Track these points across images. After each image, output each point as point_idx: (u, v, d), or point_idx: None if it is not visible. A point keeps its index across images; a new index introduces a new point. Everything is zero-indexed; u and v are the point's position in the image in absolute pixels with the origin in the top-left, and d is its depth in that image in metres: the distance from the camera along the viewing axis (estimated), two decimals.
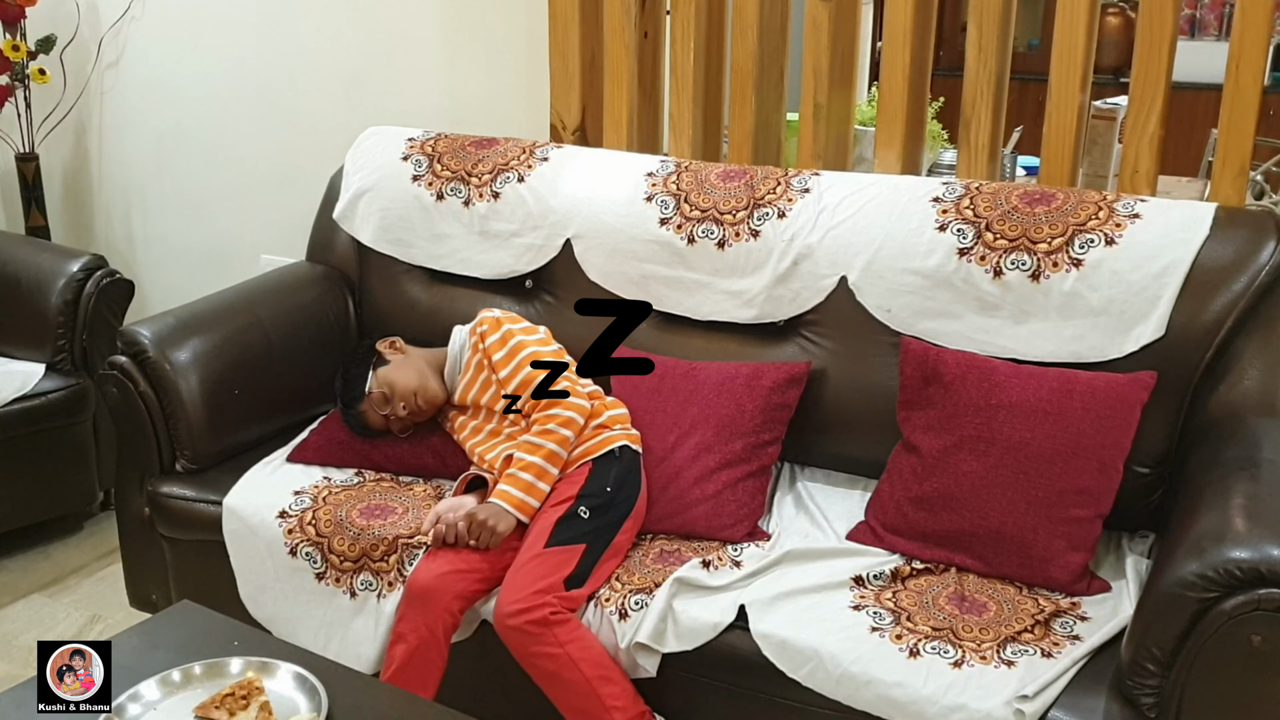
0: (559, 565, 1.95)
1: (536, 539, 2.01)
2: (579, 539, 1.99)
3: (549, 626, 1.89)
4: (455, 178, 2.62)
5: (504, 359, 2.24)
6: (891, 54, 2.48)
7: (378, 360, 2.35)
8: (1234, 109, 2.20)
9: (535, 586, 1.92)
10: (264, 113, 3.43)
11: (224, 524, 2.25)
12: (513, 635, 1.90)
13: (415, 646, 1.96)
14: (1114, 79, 4.93)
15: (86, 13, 3.61)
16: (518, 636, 1.90)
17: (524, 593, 1.91)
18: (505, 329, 2.29)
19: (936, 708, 1.69)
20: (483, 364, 2.28)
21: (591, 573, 1.97)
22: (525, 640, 1.89)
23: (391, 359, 2.35)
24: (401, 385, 2.31)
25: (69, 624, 2.76)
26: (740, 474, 2.14)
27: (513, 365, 2.23)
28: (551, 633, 1.88)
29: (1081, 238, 2.09)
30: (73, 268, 2.98)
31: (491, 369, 2.26)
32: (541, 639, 1.88)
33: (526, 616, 1.89)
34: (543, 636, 1.88)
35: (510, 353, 2.25)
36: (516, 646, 1.91)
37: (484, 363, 2.28)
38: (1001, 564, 1.96)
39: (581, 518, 2.02)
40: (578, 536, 1.99)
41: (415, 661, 1.96)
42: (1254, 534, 1.57)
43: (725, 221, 2.36)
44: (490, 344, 2.27)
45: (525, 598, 1.90)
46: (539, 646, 1.89)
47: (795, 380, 2.22)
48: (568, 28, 2.78)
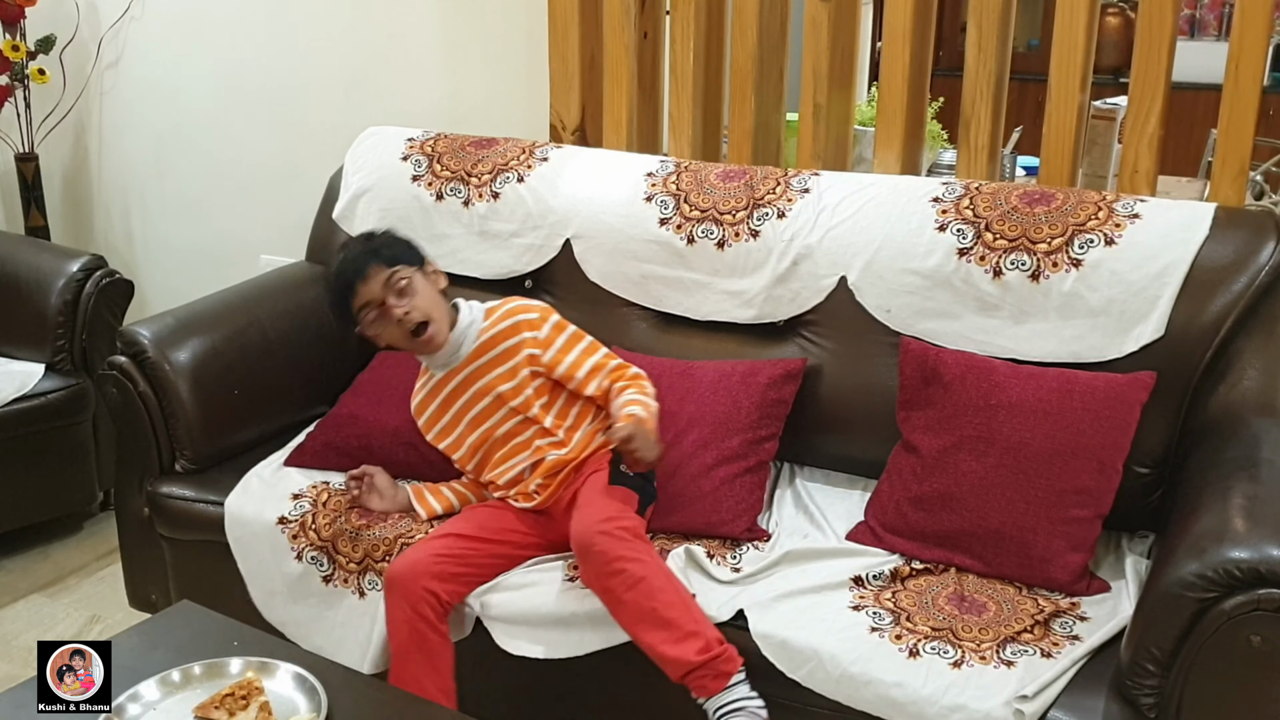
0: (625, 500, 1.97)
1: (596, 479, 2.02)
2: (632, 487, 2.00)
3: (639, 539, 1.88)
4: (455, 178, 2.62)
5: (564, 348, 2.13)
6: (891, 54, 2.48)
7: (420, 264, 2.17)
8: (1233, 109, 2.20)
9: (615, 509, 1.92)
10: (264, 113, 3.43)
11: (228, 531, 2.25)
12: (602, 541, 1.84)
13: (408, 634, 1.94)
14: (1113, 79, 4.94)
15: (86, 13, 3.61)
16: (607, 542, 1.84)
17: (608, 511, 1.90)
18: (558, 317, 2.18)
19: (936, 708, 1.69)
20: (514, 351, 2.12)
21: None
22: (616, 545, 1.83)
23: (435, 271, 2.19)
24: (425, 295, 2.11)
25: (69, 624, 2.76)
26: (738, 469, 2.14)
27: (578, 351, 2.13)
28: (634, 546, 1.85)
29: (1081, 238, 2.09)
30: (72, 268, 2.98)
31: (549, 368, 2.11)
32: (633, 546, 1.85)
33: (617, 522, 1.87)
34: (634, 545, 1.85)
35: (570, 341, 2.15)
36: (604, 553, 1.83)
37: (524, 353, 2.11)
38: (1001, 564, 1.96)
39: (625, 473, 2.01)
40: (630, 485, 2.00)
41: (414, 648, 1.94)
42: (1253, 534, 1.57)
43: (725, 221, 2.36)
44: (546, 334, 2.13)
45: (613, 514, 1.89)
46: (630, 551, 1.83)
47: (791, 376, 2.22)
48: (567, 28, 2.78)
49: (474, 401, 2.14)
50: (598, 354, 2.15)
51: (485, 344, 2.14)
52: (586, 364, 2.13)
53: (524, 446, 2.12)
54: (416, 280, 2.10)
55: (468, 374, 2.14)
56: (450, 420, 2.17)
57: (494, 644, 1.99)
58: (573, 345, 2.14)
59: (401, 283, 2.08)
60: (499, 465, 2.14)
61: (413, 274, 2.10)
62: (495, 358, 2.13)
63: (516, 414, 2.11)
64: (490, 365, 2.13)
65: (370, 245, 2.14)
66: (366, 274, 2.08)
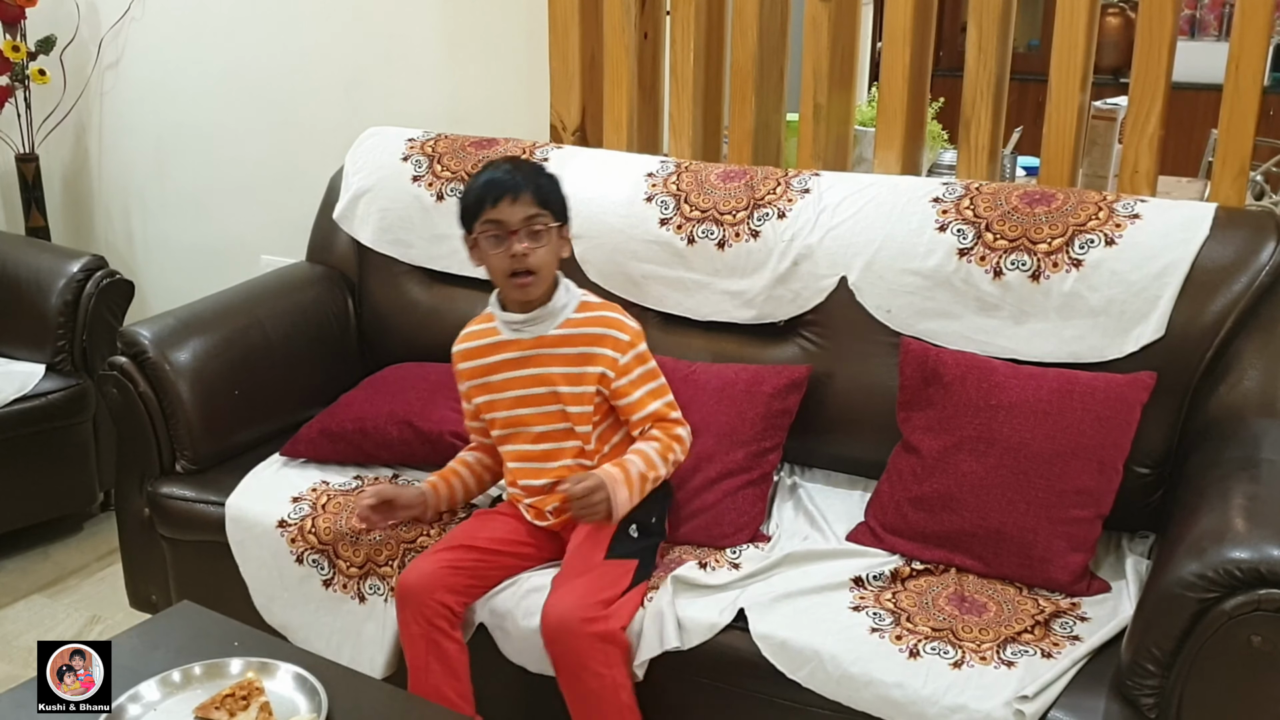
0: (619, 578, 1.92)
1: (592, 550, 1.94)
2: (633, 554, 1.96)
3: (610, 644, 1.84)
4: (455, 178, 2.62)
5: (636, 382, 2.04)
6: (891, 54, 2.48)
7: None
8: (1234, 109, 2.20)
9: (600, 596, 1.86)
10: (264, 113, 3.43)
11: (229, 533, 2.25)
12: (572, 642, 1.83)
13: (425, 646, 1.94)
14: (1114, 79, 4.93)
15: (86, 13, 3.61)
16: (577, 644, 1.83)
17: (588, 600, 1.85)
18: (645, 348, 2.08)
19: (936, 708, 1.69)
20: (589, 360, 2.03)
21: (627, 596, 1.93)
22: (583, 651, 1.83)
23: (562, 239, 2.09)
24: (549, 250, 2.02)
25: (69, 624, 2.76)
26: (741, 483, 2.13)
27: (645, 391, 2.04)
28: (606, 650, 1.84)
29: (1081, 238, 2.09)
30: (73, 268, 2.98)
31: (615, 395, 2.03)
32: (597, 655, 1.83)
33: (591, 627, 1.83)
34: (599, 654, 1.83)
35: (644, 378, 2.05)
36: (570, 654, 1.84)
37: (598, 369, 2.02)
38: (1001, 564, 1.96)
39: (632, 536, 1.98)
40: (632, 552, 1.96)
41: (433, 659, 1.94)
42: (1254, 534, 1.57)
43: (725, 222, 2.36)
44: (626, 361, 2.04)
45: (589, 605, 1.84)
46: (593, 662, 1.83)
47: (795, 385, 2.21)
48: (568, 28, 2.78)
49: (528, 383, 2.06)
50: (660, 401, 2.05)
51: (565, 336, 2.05)
52: (648, 407, 2.04)
53: (555, 455, 2.06)
54: (551, 233, 2.02)
55: (535, 354, 2.06)
56: (497, 383, 2.09)
57: (494, 645, 1.99)
58: (644, 383, 2.05)
59: (539, 226, 1.99)
60: (523, 460, 2.09)
61: (553, 225, 2.02)
62: (568, 356, 2.05)
63: (565, 420, 2.05)
64: (560, 360, 2.05)
65: (537, 176, 2.04)
66: (519, 197, 1.98)
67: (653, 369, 2.08)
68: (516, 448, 2.10)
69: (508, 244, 1.99)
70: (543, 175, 2.06)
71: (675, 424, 2.06)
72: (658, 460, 1.99)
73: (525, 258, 1.98)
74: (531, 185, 2.00)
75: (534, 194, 2.00)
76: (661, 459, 2.00)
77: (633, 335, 2.07)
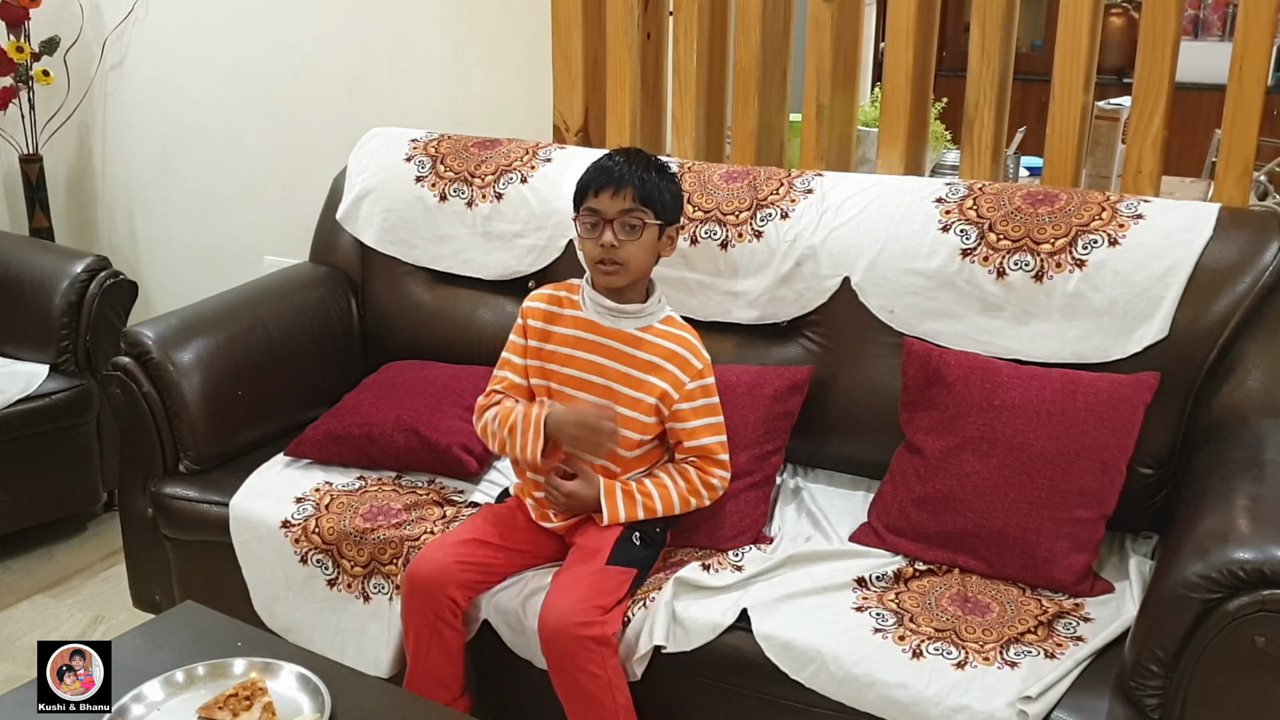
0: (617, 586, 1.93)
1: (595, 554, 1.95)
2: (633, 563, 1.97)
3: (604, 646, 1.85)
4: (458, 179, 2.62)
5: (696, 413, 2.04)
6: (894, 55, 2.48)
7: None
8: (1237, 109, 2.20)
9: (596, 601, 1.88)
10: (267, 114, 3.43)
11: (232, 534, 2.25)
12: (568, 644, 1.84)
13: (430, 635, 1.95)
14: (1117, 79, 4.93)
15: (90, 14, 3.61)
16: (572, 646, 1.84)
17: (585, 604, 1.86)
18: (712, 381, 2.07)
19: (940, 709, 1.69)
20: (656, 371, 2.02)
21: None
22: (578, 653, 1.84)
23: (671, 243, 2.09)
24: (643, 246, 2.01)
25: (72, 625, 2.77)
26: (743, 485, 2.13)
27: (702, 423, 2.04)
28: (601, 652, 1.85)
29: (1085, 238, 2.08)
30: (76, 269, 2.98)
31: (673, 417, 2.03)
32: (593, 657, 1.84)
33: (587, 630, 1.84)
34: (595, 655, 1.84)
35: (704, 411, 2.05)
36: (565, 656, 1.85)
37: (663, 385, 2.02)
38: (1004, 565, 1.95)
39: (634, 544, 1.99)
40: (633, 561, 1.97)
41: (434, 645, 1.95)
42: (1258, 535, 1.57)
43: (728, 222, 2.36)
44: (691, 388, 2.03)
45: (586, 610, 1.86)
46: (587, 663, 1.84)
47: (798, 387, 2.21)
48: (570, 29, 2.78)
49: (586, 367, 2.05)
50: (714, 438, 2.05)
51: (640, 341, 2.05)
52: (701, 439, 2.04)
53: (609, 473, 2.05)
54: (648, 231, 2.00)
55: (605, 343, 2.05)
56: (557, 354, 2.08)
57: (495, 644, 2.00)
58: (704, 416, 2.05)
59: (635, 221, 1.99)
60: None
61: (651, 223, 2.00)
62: (636, 359, 2.04)
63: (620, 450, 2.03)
64: (626, 359, 2.04)
65: (648, 173, 2.02)
66: (620, 191, 1.99)
67: (715, 405, 2.07)
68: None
69: (600, 231, 1.99)
70: (653, 170, 2.04)
71: (716, 466, 2.05)
72: (676, 501, 2.03)
73: (614, 249, 1.98)
74: (635, 179, 1.99)
75: (637, 188, 1.99)
76: (681, 501, 2.03)
77: (705, 365, 2.07)
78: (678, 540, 2.10)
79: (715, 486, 2.05)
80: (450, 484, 2.30)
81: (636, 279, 2.04)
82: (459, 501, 2.24)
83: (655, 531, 2.04)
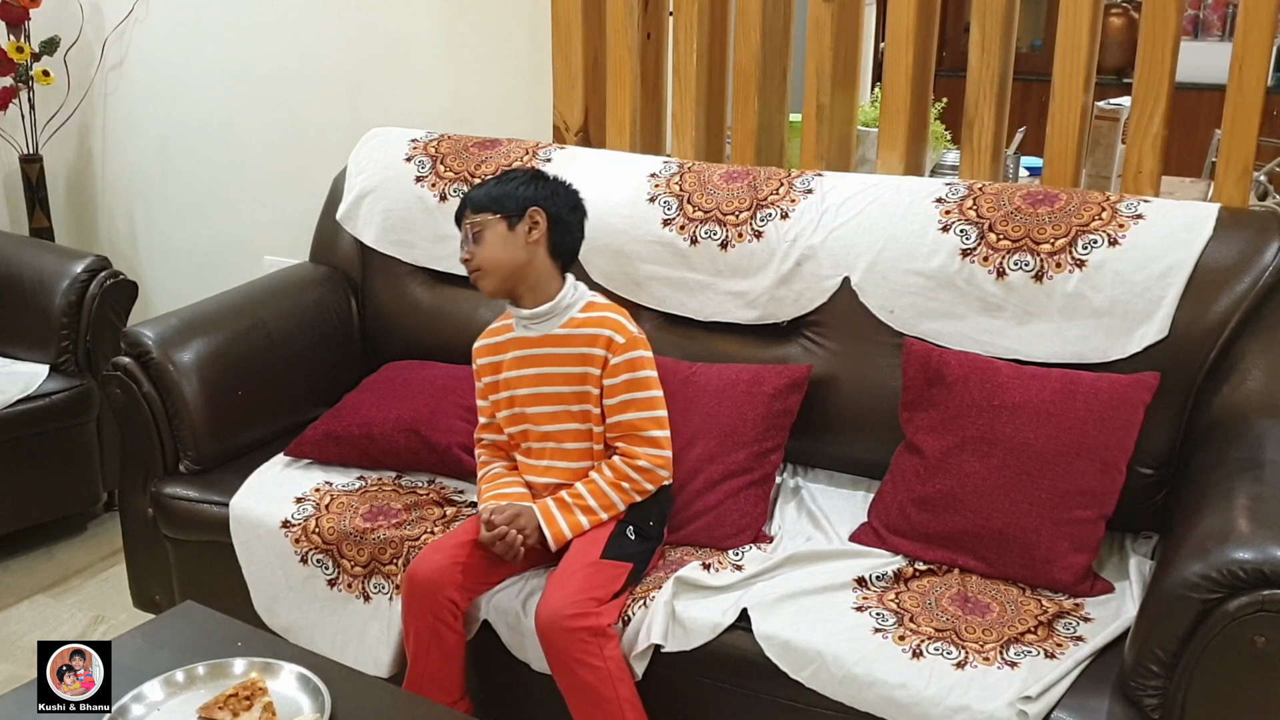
0: (612, 579, 1.93)
1: (589, 548, 1.96)
2: (628, 557, 1.97)
3: (600, 637, 1.86)
4: (458, 179, 2.62)
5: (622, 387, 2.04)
6: (894, 55, 2.48)
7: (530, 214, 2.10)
8: (1237, 109, 2.20)
9: (592, 594, 1.88)
10: (267, 114, 3.43)
11: (232, 534, 2.25)
12: (563, 638, 1.85)
13: (429, 637, 1.96)
14: (1117, 79, 4.93)
15: (90, 14, 3.61)
16: (567, 639, 1.85)
17: (579, 597, 1.87)
18: (642, 355, 2.08)
19: (940, 709, 1.69)
20: (587, 361, 2.05)
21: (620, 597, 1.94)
22: (573, 645, 1.85)
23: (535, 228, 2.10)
24: (495, 245, 2.08)
25: (72, 625, 2.77)
26: (743, 483, 2.13)
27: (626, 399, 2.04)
28: (598, 643, 1.85)
29: (1085, 238, 2.08)
30: (76, 269, 2.98)
31: (605, 394, 2.05)
32: (589, 649, 1.85)
33: (582, 622, 1.85)
34: (592, 646, 1.85)
35: (632, 385, 2.05)
36: (562, 650, 1.86)
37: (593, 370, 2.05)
38: (1004, 565, 1.95)
39: (629, 538, 2.00)
40: (628, 555, 1.98)
41: (433, 647, 1.96)
42: (1258, 535, 1.57)
43: (728, 222, 2.36)
44: (617, 363, 2.04)
45: (581, 602, 1.86)
46: (584, 655, 1.85)
47: (796, 385, 2.21)
48: (570, 29, 2.78)
49: (531, 381, 2.10)
50: (639, 414, 2.05)
51: (567, 336, 2.09)
52: (622, 415, 2.05)
53: (559, 455, 2.08)
54: (491, 230, 2.09)
55: (539, 352, 2.10)
56: (503, 381, 2.13)
57: (495, 645, 2.00)
58: (629, 390, 2.05)
59: (476, 229, 2.10)
60: (528, 457, 2.12)
61: (492, 222, 2.09)
62: (568, 355, 2.08)
63: (570, 420, 2.07)
64: (560, 359, 2.08)
65: (481, 186, 2.18)
66: (462, 214, 2.14)
67: (644, 379, 2.07)
68: (524, 445, 2.13)
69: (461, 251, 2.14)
70: (487, 182, 2.19)
71: (645, 445, 2.04)
72: (609, 492, 2.02)
73: (468, 260, 2.12)
74: (472, 198, 2.14)
75: (473, 206, 2.13)
76: (615, 489, 2.02)
77: (629, 339, 2.07)
78: (677, 539, 2.10)
79: (645, 468, 2.03)
80: (450, 484, 2.31)
81: (509, 275, 2.10)
82: (459, 501, 2.24)
83: (649, 525, 2.04)
